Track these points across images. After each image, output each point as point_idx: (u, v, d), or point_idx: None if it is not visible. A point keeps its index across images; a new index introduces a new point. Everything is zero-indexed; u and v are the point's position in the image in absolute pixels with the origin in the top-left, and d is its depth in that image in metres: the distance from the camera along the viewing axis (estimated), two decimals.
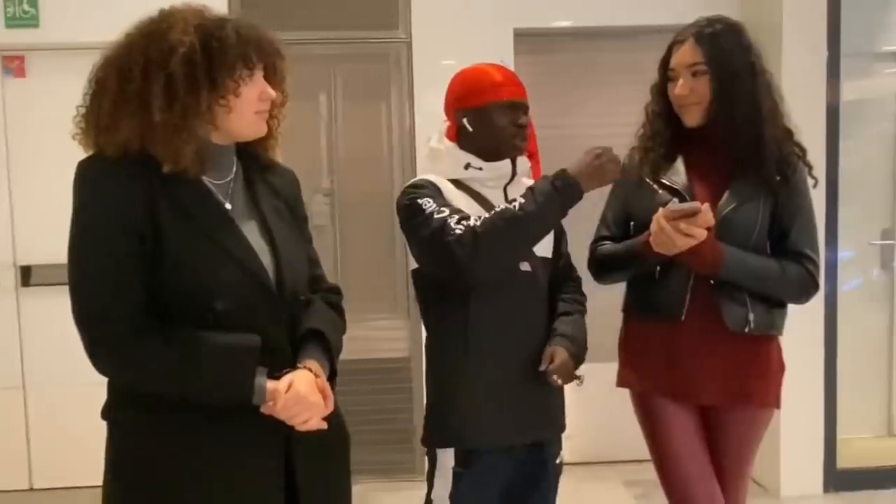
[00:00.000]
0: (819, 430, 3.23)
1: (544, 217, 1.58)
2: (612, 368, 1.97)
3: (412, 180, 1.72)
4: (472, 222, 1.56)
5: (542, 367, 1.62)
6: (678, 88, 1.80)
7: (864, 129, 3.68)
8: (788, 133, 1.85)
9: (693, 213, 1.65)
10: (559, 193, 1.57)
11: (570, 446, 1.94)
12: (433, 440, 1.69)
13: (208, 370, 1.24)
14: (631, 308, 1.95)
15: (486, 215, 1.57)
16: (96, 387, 1.36)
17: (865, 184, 3.64)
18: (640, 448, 1.94)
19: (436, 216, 1.57)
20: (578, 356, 1.68)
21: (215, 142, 1.33)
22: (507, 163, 1.71)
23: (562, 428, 1.78)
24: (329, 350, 1.38)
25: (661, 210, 1.70)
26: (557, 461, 1.78)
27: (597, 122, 3.47)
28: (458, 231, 1.54)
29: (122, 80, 1.25)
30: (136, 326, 1.23)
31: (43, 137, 3.18)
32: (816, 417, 3.23)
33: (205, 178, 1.32)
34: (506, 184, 1.73)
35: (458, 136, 1.71)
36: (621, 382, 1.95)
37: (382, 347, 3.41)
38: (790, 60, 3.02)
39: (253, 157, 1.42)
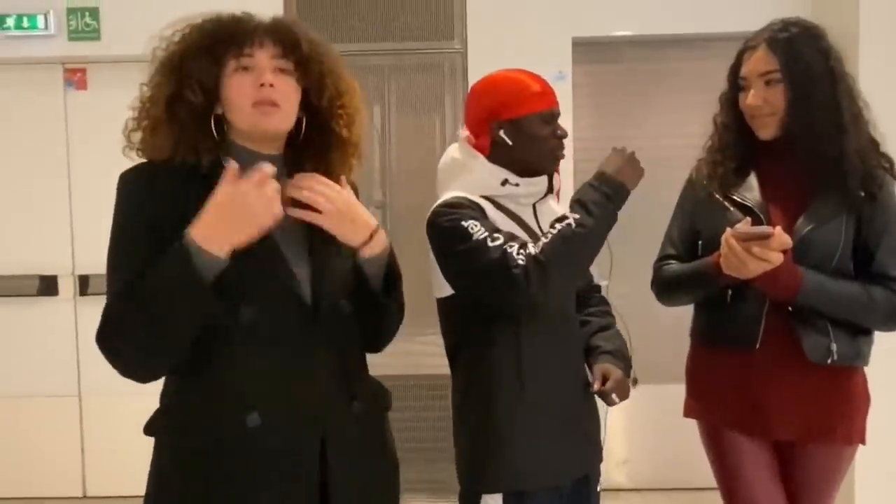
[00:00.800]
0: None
1: (604, 227, 1.49)
2: (670, 391, 1.85)
3: (446, 198, 1.57)
4: (531, 249, 1.45)
5: (596, 387, 1.53)
6: (750, 99, 1.67)
7: None
8: (874, 144, 1.70)
9: (765, 237, 1.53)
10: (610, 199, 1.48)
11: (626, 472, 1.82)
12: (480, 486, 1.55)
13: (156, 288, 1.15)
14: (699, 334, 1.82)
15: (544, 239, 1.46)
16: (150, 397, 1.33)
17: None
18: (699, 476, 1.81)
19: (491, 244, 1.45)
20: (627, 371, 1.60)
21: (248, 146, 1.28)
22: (544, 179, 1.61)
23: (600, 456, 1.68)
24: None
25: (729, 230, 1.57)
26: (599, 489, 1.68)
27: (659, 133, 3.36)
28: (521, 261, 1.43)
29: (167, 83, 1.25)
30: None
31: (102, 149, 3.18)
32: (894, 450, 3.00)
33: None
34: (536, 201, 1.63)
35: (493, 150, 1.58)
36: (689, 413, 1.82)
37: (431, 363, 3.32)
38: (867, 68, 2.84)
39: (308, 168, 1.34)
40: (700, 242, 1.76)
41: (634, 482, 3.26)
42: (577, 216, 1.46)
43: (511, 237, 1.49)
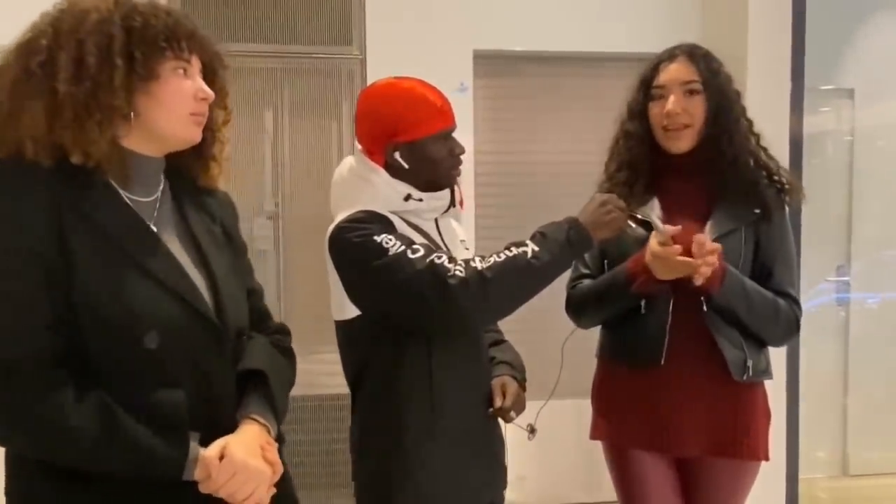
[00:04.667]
0: (781, 471, 3.14)
1: (557, 269, 1.43)
2: (564, 406, 1.82)
3: (350, 213, 1.45)
4: (477, 265, 1.37)
5: (497, 405, 1.47)
6: (670, 105, 1.65)
7: (817, 165, 3.69)
8: (773, 163, 1.74)
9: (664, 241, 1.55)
10: (572, 245, 1.42)
11: (523, 488, 1.78)
12: None
13: (127, 443, 1.02)
14: (605, 352, 1.79)
15: (494, 258, 1.38)
16: None
17: (821, 220, 3.63)
18: (596, 491, 1.79)
19: (412, 256, 1.36)
20: (523, 382, 1.56)
21: (139, 151, 1.13)
22: (447, 193, 1.53)
23: (506, 477, 1.62)
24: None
25: (655, 242, 1.57)
26: None
27: (556, 148, 3.40)
28: (458, 273, 1.35)
29: (27, 54, 1.06)
30: (39, 381, 1.01)
31: None
32: (778, 457, 3.14)
33: (124, 193, 1.11)
34: (438, 215, 1.56)
35: (388, 170, 1.48)
36: (596, 434, 1.79)
37: (328, 383, 3.18)
38: (754, 93, 2.96)
39: (183, 176, 1.22)
40: (606, 262, 1.75)
41: (531, 499, 3.26)
42: (536, 248, 1.40)
43: (432, 249, 1.41)
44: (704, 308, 1.62)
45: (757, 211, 1.67)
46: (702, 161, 1.68)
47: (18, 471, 1.09)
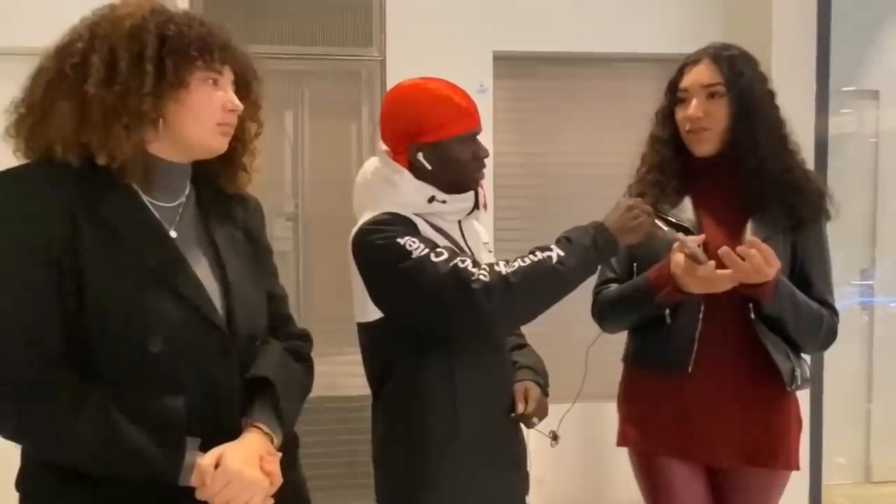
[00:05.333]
0: (805, 478, 3.09)
1: (582, 274, 1.42)
2: (589, 409, 1.80)
3: (373, 216, 1.46)
4: (501, 268, 1.36)
5: (519, 410, 1.46)
6: (691, 109, 1.63)
7: (841, 168, 3.64)
8: (810, 173, 1.72)
9: (697, 259, 1.51)
10: (598, 250, 1.41)
11: (543, 494, 1.77)
12: None
13: (123, 446, 1.02)
14: (632, 357, 1.76)
15: (519, 263, 1.37)
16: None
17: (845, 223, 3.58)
18: (621, 496, 1.77)
19: (435, 259, 1.35)
20: (545, 388, 1.55)
21: (165, 157, 1.14)
22: (470, 195, 1.53)
23: (528, 484, 1.61)
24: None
25: (678, 251, 1.54)
26: None
27: (575, 149, 3.37)
28: (482, 277, 1.34)
29: (63, 57, 1.08)
30: (44, 383, 1.02)
31: None
32: (802, 464, 3.09)
33: (146, 198, 1.12)
34: (462, 217, 1.55)
35: (410, 171, 1.48)
36: (623, 441, 1.76)
37: (348, 384, 3.18)
38: (778, 93, 2.93)
39: (211, 183, 1.23)
40: (635, 265, 1.72)
41: None
42: (561, 253, 1.39)
43: (455, 252, 1.40)
44: (752, 316, 1.59)
45: (795, 217, 1.64)
46: (728, 164, 1.66)
47: (29, 465, 1.11)
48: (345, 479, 3.15)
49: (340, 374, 3.16)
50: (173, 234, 1.14)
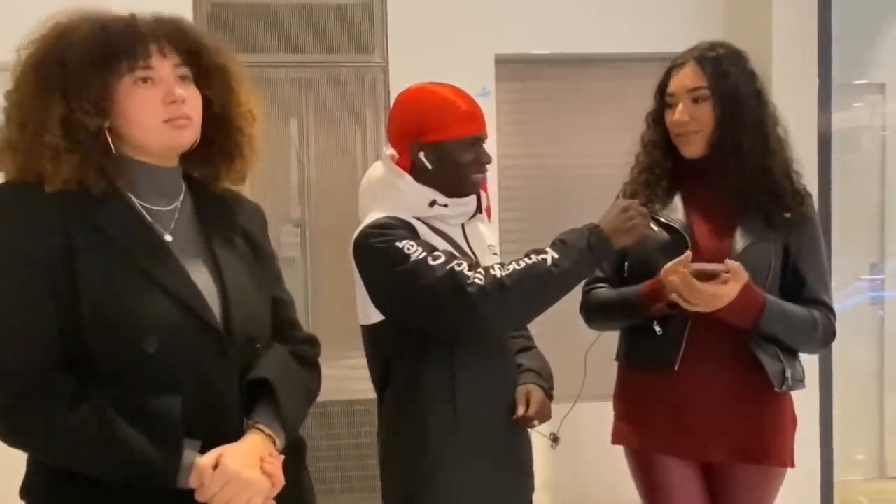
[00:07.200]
0: (815, 475, 3.08)
1: (578, 276, 1.43)
2: (590, 409, 1.80)
3: (374, 219, 1.48)
4: (496, 272, 1.37)
5: (520, 413, 1.47)
6: (677, 115, 1.66)
7: (849, 162, 3.62)
8: (795, 173, 1.71)
9: (716, 275, 1.51)
10: (593, 252, 1.42)
11: (549, 493, 1.77)
12: None
13: (120, 448, 1.03)
14: (623, 356, 1.78)
15: (514, 266, 1.39)
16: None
17: (853, 218, 3.57)
18: (625, 497, 1.77)
19: (433, 262, 1.37)
20: (549, 391, 1.56)
21: (145, 160, 1.15)
22: (472, 199, 1.55)
23: (533, 484, 1.62)
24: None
25: (669, 266, 1.54)
26: None
27: (579, 150, 3.37)
28: (478, 281, 1.36)
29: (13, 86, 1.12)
30: (41, 386, 1.04)
31: None
32: (812, 461, 3.08)
33: (138, 203, 1.14)
34: (465, 220, 1.57)
35: (413, 172, 1.50)
36: (618, 440, 1.77)
37: (356, 388, 3.20)
38: (780, 90, 2.92)
39: (207, 184, 1.24)
40: (626, 264, 1.73)
41: None
42: (556, 255, 1.40)
43: (453, 256, 1.42)
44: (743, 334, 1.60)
45: (787, 215, 1.65)
46: (715, 166, 1.67)
47: (34, 472, 1.13)
48: (355, 482, 3.16)
49: (349, 377, 3.18)
50: (169, 237, 1.15)
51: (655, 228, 1.62)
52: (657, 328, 1.64)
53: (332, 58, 3.23)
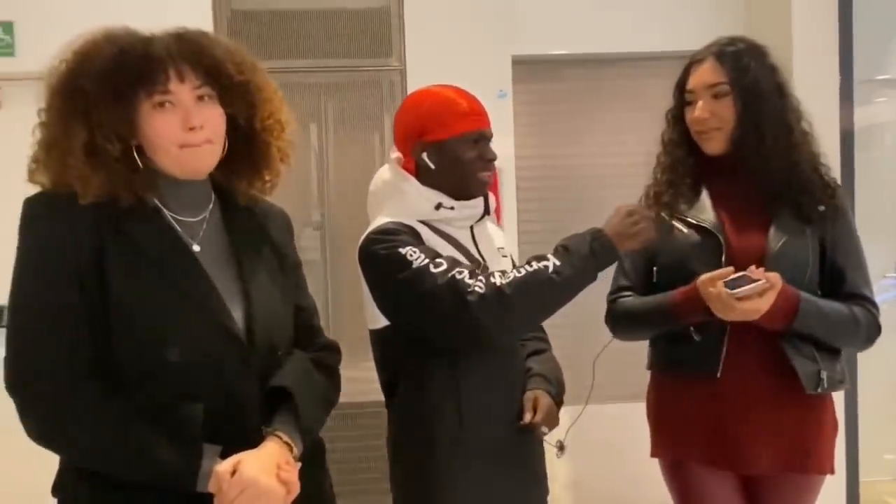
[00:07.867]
0: (841, 476, 3.04)
1: (581, 282, 1.41)
2: (614, 410, 1.79)
3: (379, 224, 1.48)
4: (496, 280, 1.37)
5: (526, 420, 1.46)
6: (697, 111, 1.63)
7: (873, 158, 3.57)
8: (823, 166, 1.68)
9: (760, 291, 1.47)
10: (596, 257, 1.40)
11: (574, 495, 1.76)
12: None
13: (142, 452, 1.06)
14: (658, 364, 1.73)
15: (515, 274, 1.38)
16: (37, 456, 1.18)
17: (877, 214, 3.51)
18: (651, 497, 1.75)
19: (434, 270, 1.37)
20: (558, 397, 1.54)
21: (177, 176, 1.17)
22: (479, 201, 1.54)
23: (546, 489, 1.60)
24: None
25: (705, 277, 1.50)
26: None
27: (598, 150, 3.36)
28: (478, 289, 1.35)
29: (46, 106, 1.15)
30: (71, 390, 1.07)
31: (16, 171, 3.03)
32: (838, 460, 3.04)
33: (169, 214, 1.17)
34: (473, 223, 1.56)
35: (418, 173, 1.50)
36: (657, 452, 1.72)
37: (375, 389, 3.21)
38: (801, 86, 2.88)
39: (235, 195, 1.26)
40: (655, 269, 1.69)
41: None
42: (557, 262, 1.39)
43: (455, 262, 1.42)
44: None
45: (821, 209, 1.60)
46: (739, 162, 1.64)
47: (65, 472, 1.16)
48: (373, 485, 3.17)
49: (370, 379, 3.18)
50: (196, 248, 1.18)
51: (685, 230, 1.60)
52: (695, 335, 1.60)
53: (350, 63, 3.25)
